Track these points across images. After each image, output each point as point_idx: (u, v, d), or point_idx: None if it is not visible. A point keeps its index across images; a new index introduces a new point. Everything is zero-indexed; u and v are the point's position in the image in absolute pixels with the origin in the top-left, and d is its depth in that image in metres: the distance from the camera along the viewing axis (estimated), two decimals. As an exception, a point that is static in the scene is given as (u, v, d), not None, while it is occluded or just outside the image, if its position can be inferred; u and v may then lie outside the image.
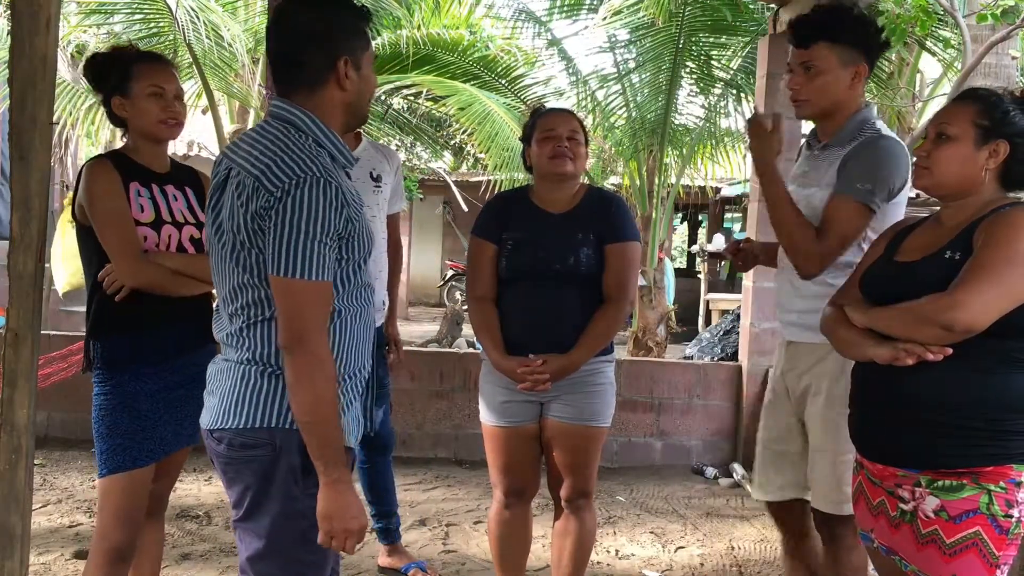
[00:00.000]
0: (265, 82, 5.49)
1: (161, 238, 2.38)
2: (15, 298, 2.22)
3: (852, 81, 2.38)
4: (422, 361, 5.37)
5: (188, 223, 2.45)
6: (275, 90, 1.82)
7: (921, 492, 1.91)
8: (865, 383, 2.03)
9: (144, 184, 2.40)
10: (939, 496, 1.88)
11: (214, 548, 3.72)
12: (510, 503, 2.83)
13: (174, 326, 2.42)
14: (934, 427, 1.88)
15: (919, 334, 1.86)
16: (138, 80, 2.38)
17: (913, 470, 1.92)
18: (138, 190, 2.38)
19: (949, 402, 1.86)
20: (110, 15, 7.97)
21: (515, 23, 8.92)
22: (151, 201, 2.39)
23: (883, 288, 2.02)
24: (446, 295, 16.37)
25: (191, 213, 2.47)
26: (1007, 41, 6.82)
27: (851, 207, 2.32)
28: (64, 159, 10.59)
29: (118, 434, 2.34)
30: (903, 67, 9.15)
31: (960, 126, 1.92)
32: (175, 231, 2.42)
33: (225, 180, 1.74)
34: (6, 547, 2.22)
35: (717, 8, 7.34)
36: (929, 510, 1.89)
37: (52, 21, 2.23)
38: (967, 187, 1.95)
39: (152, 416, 2.39)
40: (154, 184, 2.42)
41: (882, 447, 1.99)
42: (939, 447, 1.88)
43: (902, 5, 7.05)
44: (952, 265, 1.88)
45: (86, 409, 2.43)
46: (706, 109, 8.25)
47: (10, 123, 2.23)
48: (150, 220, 2.37)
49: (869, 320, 1.99)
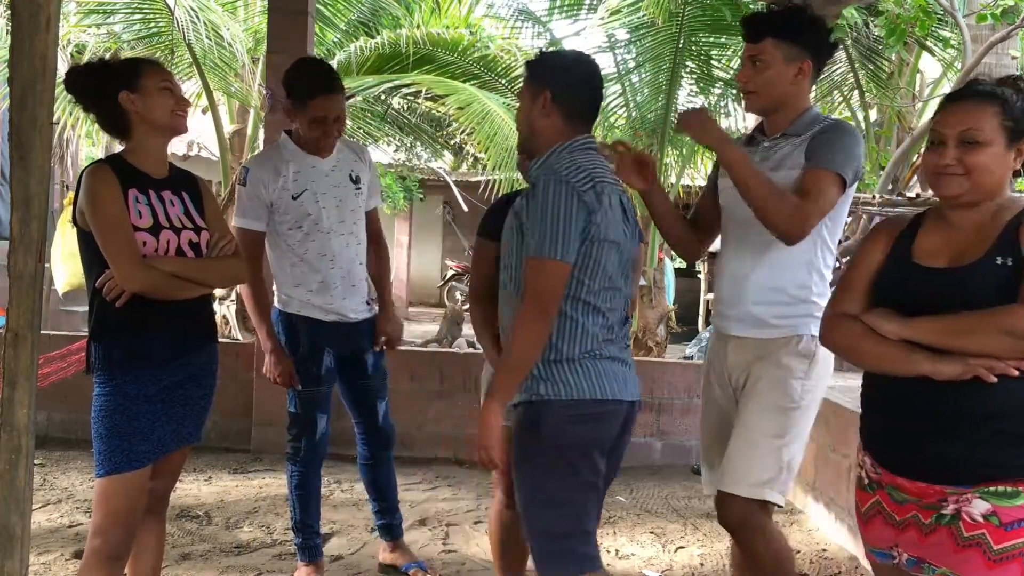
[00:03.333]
0: (265, 82, 5.48)
1: (160, 243, 2.38)
2: (15, 298, 2.22)
3: (796, 77, 2.47)
4: (422, 361, 5.37)
5: (186, 228, 2.45)
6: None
7: (968, 496, 1.81)
8: (901, 399, 1.91)
9: (142, 190, 2.40)
10: (990, 501, 1.79)
11: (214, 548, 3.72)
12: (511, 503, 2.82)
13: (174, 328, 2.43)
14: (992, 438, 1.80)
15: (993, 346, 1.76)
16: (149, 76, 2.40)
17: (966, 486, 1.82)
18: (136, 196, 2.38)
19: (1008, 413, 1.79)
20: (109, 15, 7.97)
21: (515, 23, 8.93)
22: (149, 207, 2.40)
23: (915, 296, 1.89)
24: (446, 295, 16.35)
25: (188, 218, 2.47)
26: (1007, 41, 6.82)
27: (828, 177, 2.36)
28: (64, 159, 10.58)
29: (116, 435, 2.35)
30: (903, 67, 9.15)
31: (990, 129, 1.84)
32: (173, 236, 2.42)
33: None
34: (6, 547, 2.22)
35: (717, 8, 7.34)
36: (977, 513, 1.80)
37: (52, 21, 2.23)
38: (999, 190, 1.88)
39: (150, 418, 2.39)
40: (151, 190, 2.43)
41: (927, 465, 1.88)
42: (996, 458, 1.80)
43: (902, 5, 7.05)
44: (1005, 271, 1.80)
45: (86, 409, 2.43)
46: (706, 109, 8.26)
47: (10, 123, 2.23)
48: (148, 225, 2.37)
49: (913, 332, 1.85)
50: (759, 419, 2.46)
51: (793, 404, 2.46)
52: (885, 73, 8.84)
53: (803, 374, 2.46)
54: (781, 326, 2.47)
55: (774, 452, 2.44)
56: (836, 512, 4.14)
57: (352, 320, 3.23)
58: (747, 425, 2.48)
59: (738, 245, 2.56)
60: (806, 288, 2.47)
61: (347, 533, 3.97)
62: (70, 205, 9.01)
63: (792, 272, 2.46)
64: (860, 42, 8.45)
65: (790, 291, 2.47)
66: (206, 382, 2.57)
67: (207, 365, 2.57)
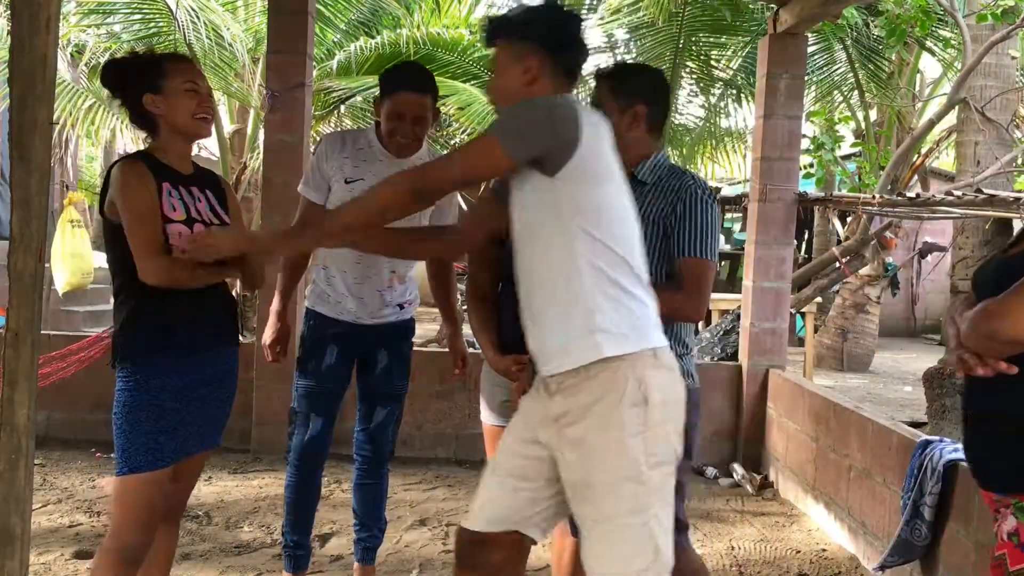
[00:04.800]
0: (265, 82, 5.48)
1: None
2: (15, 298, 2.22)
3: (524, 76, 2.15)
4: (422, 361, 5.35)
5: (214, 223, 2.48)
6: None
7: (1005, 512, 1.73)
8: (966, 397, 1.85)
9: (174, 185, 2.43)
10: (1019, 518, 1.70)
11: (214, 548, 3.72)
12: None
13: (199, 322, 2.45)
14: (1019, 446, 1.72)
15: (971, 342, 1.68)
16: (172, 77, 2.39)
17: (1004, 493, 1.75)
18: (169, 190, 2.40)
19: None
20: (109, 15, 7.97)
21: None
22: (181, 201, 2.42)
23: (984, 286, 1.81)
24: (446, 295, 16.32)
25: (213, 214, 2.50)
26: (1007, 41, 6.82)
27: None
28: (64, 159, 10.59)
29: (141, 432, 2.34)
30: (903, 67, 9.15)
31: None
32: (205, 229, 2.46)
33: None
34: (6, 547, 2.22)
35: (717, 8, 7.35)
36: (1004, 531, 1.73)
37: (52, 21, 2.23)
38: None
39: (175, 415, 2.38)
40: (180, 185, 2.45)
41: (978, 469, 1.83)
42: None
43: (902, 5, 7.05)
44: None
45: (86, 409, 2.44)
46: (706, 109, 8.27)
47: (10, 123, 2.23)
48: (183, 218, 2.39)
49: (962, 321, 1.76)
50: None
51: None
52: (885, 73, 8.85)
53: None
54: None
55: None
56: (836, 512, 4.14)
57: (367, 323, 3.10)
58: None
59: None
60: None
61: (347, 533, 3.96)
62: (70, 205, 8.96)
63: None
64: (860, 42, 8.45)
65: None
66: (227, 384, 2.56)
67: (229, 367, 2.57)
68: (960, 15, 6.97)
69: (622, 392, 1.91)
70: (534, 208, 2.02)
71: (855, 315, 10.22)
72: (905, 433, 3.57)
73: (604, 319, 1.94)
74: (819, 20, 5.49)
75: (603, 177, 2.01)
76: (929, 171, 10.74)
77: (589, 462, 1.94)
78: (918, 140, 7.85)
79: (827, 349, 10.30)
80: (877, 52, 8.57)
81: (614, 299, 1.96)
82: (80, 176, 15.92)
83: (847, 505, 3.99)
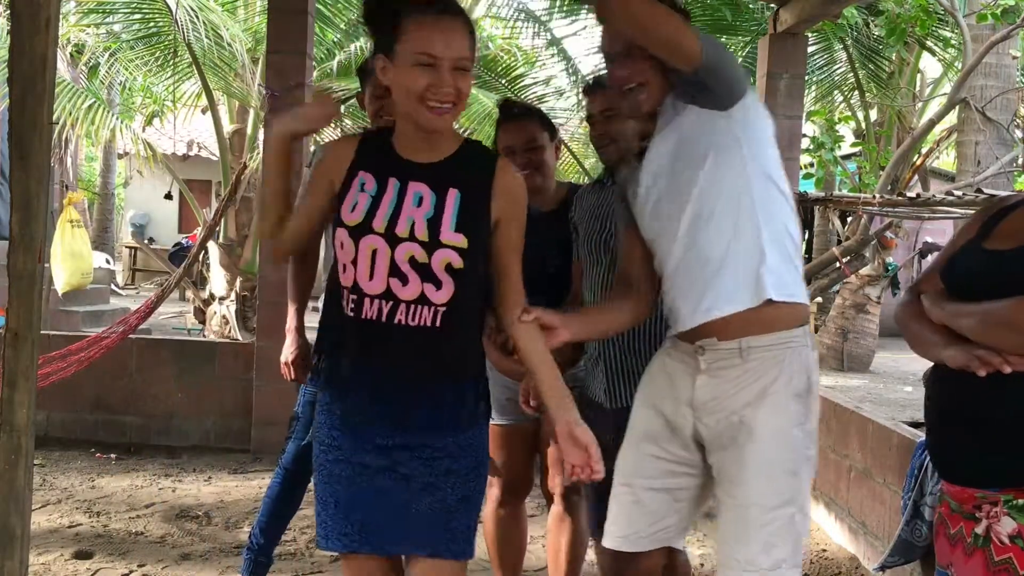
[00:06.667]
0: (265, 82, 5.48)
1: (359, 251, 1.78)
2: (15, 298, 2.22)
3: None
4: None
5: (414, 239, 1.77)
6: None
7: (996, 512, 1.68)
8: (939, 390, 1.80)
9: (379, 177, 1.82)
10: (1017, 519, 1.65)
11: (214, 548, 3.72)
12: (505, 501, 2.85)
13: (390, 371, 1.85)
14: (1017, 442, 1.67)
15: (995, 339, 1.62)
16: (406, 40, 1.73)
17: (993, 489, 1.69)
18: (363, 182, 1.82)
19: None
20: (109, 15, 7.97)
21: (515, 23, 8.93)
22: (371, 200, 1.80)
23: (968, 279, 1.76)
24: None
25: (431, 227, 1.77)
26: (1007, 41, 6.83)
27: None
28: (64, 159, 10.60)
29: (319, 498, 1.96)
30: (903, 67, 9.16)
31: None
32: (384, 246, 1.77)
33: None
34: (6, 547, 2.22)
35: (717, 8, 7.36)
36: (1004, 534, 1.67)
37: (52, 21, 2.23)
38: None
39: (347, 483, 1.90)
40: (395, 178, 1.82)
41: (960, 465, 1.76)
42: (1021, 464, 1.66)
43: (902, 5, 7.06)
44: None
45: (86, 409, 2.43)
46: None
47: (10, 123, 2.23)
48: (354, 224, 1.79)
49: (947, 316, 1.74)
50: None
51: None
52: (885, 73, 8.85)
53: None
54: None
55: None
56: (836, 512, 4.14)
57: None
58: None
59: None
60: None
61: (347, 533, 3.97)
62: (70, 205, 8.96)
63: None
64: (860, 42, 8.46)
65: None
66: (439, 465, 1.84)
67: (444, 443, 1.85)
68: (960, 15, 6.98)
69: (788, 377, 1.89)
70: (703, 142, 1.91)
71: (855, 315, 10.22)
72: (905, 433, 3.57)
73: (773, 261, 1.89)
74: (819, 20, 5.49)
75: (768, 127, 2.00)
76: (929, 171, 10.75)
77: (749, 448, 1.92)
78: (918, 140, 7.86)
79: (827, 349, 10.30)
80: (877, 52, 8.57)
81: (782, 248, 1.91)
82: (80, 176, 15.94)
83: (847, 505, 3.99)
